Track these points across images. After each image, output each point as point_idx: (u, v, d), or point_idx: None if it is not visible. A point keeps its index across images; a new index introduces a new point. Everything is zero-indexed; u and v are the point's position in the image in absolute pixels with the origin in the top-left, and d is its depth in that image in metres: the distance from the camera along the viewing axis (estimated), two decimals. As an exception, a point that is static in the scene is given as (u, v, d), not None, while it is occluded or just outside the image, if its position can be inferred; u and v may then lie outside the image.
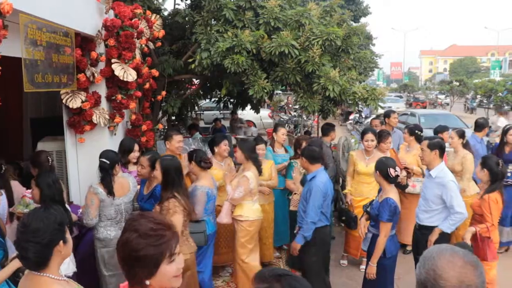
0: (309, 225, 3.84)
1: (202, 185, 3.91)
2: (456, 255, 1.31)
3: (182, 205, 3.16)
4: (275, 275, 1.29)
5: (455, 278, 1.27)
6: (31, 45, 3.13)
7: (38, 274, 1.88)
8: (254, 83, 5.42)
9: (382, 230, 3.60)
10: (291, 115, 17.07)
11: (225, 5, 5.51)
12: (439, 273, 1.29)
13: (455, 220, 3.70)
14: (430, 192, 3.83)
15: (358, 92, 5.45)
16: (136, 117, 5.04)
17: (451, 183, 3.73)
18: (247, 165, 4.28)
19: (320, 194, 3.87)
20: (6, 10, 2.55)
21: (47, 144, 5.05)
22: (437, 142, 3.85)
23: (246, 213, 4.23)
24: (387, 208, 3.55)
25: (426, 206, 3.88)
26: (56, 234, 1.91)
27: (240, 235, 4.25)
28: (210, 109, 14.90)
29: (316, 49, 5.24)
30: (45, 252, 1.87)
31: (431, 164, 3.84)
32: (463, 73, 51.64)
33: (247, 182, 4.16)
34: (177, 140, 4.60)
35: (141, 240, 1.55)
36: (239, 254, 4.27)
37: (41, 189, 3.12)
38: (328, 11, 6.35)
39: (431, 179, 3.84)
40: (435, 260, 1.32)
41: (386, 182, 3.62)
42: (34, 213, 1.98)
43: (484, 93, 21.23)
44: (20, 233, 1.90)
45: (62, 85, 3.80)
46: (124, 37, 4.49)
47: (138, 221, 1.60)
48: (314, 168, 4.03)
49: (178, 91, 7.31)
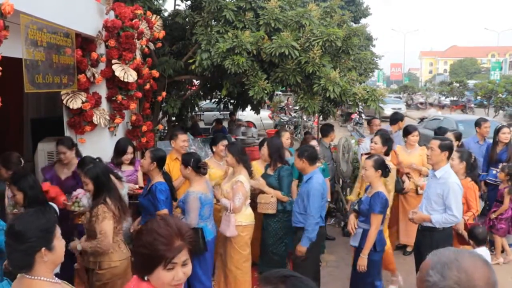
0: (312, 226, 3.88)
1: (194, 191, 3.74)
2: (473, 256, 1.33)
3: (111, 211, 3.05)
4: (280, 276, 1.30)
5: (485, 278, 1.29)
6: (31, 45, 3.14)
7: (30, 277, 1.87)
8: (254, 84, 5.42)
9: (373, 223, 3.71)
10: (291, 116, 17.07)
11: (225, 6, 5.51)
12: (471, 274, 1.28)
13: (448, 221, 3.69)
14: (434, 192, 3.79)
15: (359, 93, 5.45)
16: (136, 118, 5.05)
17: (455, 185, 3.68)
18: (238, 169, 4.09)
19: (319, 196, 3.92)
20: (7, 10, 2.56)
21: (47, 145, 5.05)
22: (448, 144, 3.80)
23: (240, 218, 4.04)
24: (378, 201, 3.69)
25: (428, 207, 3.85)
26: (37, 241, 1.86)
27: (234, 241, 4.04)
28: (210, 110, 14.90)
29: (316, 50, 5.24)
30: (24, 258, 1.84)
31: (438, 164, 3.79)
32: (463, 74, 51.70)
33: (243, 186, 3.99)
34: (182, 139, 4.61)
35: (143, 237, 1.64)
36: (234, 260, 4.07)
37: (25, 192, 3.04)
38: (328, 12, 6.35)
39: (435, 180, 3.79)
40: (460, 263, 1.30)
41: (378, 177, 3.79)
42: (21, 216, 1.96)
43: (484, 94, 21.23)
44: (6, 233, 1.90)
45: (63, 85, 3.80)
46: (125, 38, 4.49)
47: (156, 222, 1.69)
48: (311, 169, 4.04)
49: (179, 92, 7.31)
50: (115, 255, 3.13)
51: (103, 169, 3.24)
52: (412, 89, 40.33)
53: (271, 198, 4.37)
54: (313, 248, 3.99)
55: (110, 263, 3.10)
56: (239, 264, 4.08)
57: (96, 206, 3.05)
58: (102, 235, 2.98)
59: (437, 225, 3.72)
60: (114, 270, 3.12)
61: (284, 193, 4.39)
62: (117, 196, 3.21)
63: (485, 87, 21.35)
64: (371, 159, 3.87)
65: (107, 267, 3.09)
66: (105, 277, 3.09)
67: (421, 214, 3.85)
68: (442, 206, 3.74)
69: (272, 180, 4.41)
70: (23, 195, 3.05)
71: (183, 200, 3.83)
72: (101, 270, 3.09)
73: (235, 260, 4.07)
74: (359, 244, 3.83)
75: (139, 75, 4.78)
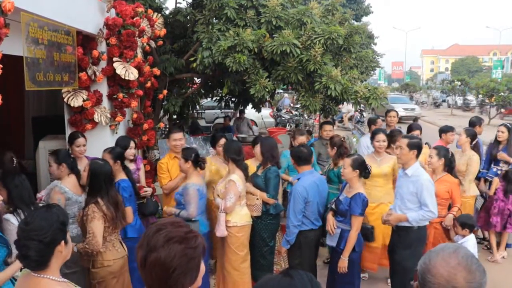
0: (290, 229, 3.83)
1: (193, 183, 3.80)
2: (454, 255, 1.30)
3: (102, 211, 3.03)
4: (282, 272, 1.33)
5: (442, 277, 1.27)
6: (32, 43, 3.13)
7: (37, 276, 1.86)
8: (255, 82, 5.41)
9: (354, 224, 3.64)
10: (292, 114, 17.04)
11: (226, 4, 5.50)
12: (429, 268, 1.30)
13: (425, 217, 3.65)
14: (406, 191, 3.73)
15: (360, 91, 5.43)
16: (138, 116, 5.04)
17: (427, 182, 3.66)
18: (231, 168, 4.02)
19: (300, 199, 3.77)
20: (8, 8, 2.55)
21: (48, 143, 5.06)
22: (416, 142, 3.75)
23: (234, 219, 3.96)
24: (359, 202, 3.61)
25: (402, 206, 3.76)
26: (58, 234, 1.90)
27: (230, 241, 3.98)
28: (211, 108, 14.89)
29: (317, 48, 5.23)
30: (46, 251, 1.86)
31: (408, 163, 3.74)
32: (464, 72, 51.54)
33: (235, 186, 3.88)
34: (173, 138, 4.56)
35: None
36: (231, 261, 4.01)
37: (9, 190, 3.01)
38: (329, 10, 6.34)
39: (407, 178, 3.74)
40: (432, 255, 1.33)
41: (357, 177, 3.70)
42: (36, 212, 1.97)
43: (486, 92, 21.14)
44: (21, 231, 1.88)
45: (64, 83, 3.79)
46: (126, 36, 4.49)
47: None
48: (300, 170, 3.98)
49: (180, 90, 7.31)
50: (108, 254, 3.14)
51: (105, 170, 3.20)
52: (413, 87, 40.27)
53: (256, 200, 4.25)
54: (302, 253, 3.93)
55: (103, 262, 3.12)
56: (236, 265, 4.02)
57: (87, 206, 3.06)
58: (91, 235, 2.98)
59: (414, 223, 3.66)
60: (107, 269, 3.13)
61: (270, 195, 4.20)
62: (113, 198, 3.17)
63: (487, 86, 21.24)
64: (350, 158, 3.77)
65: (100, 266, 3.11)
66: (98, 276, 3.12)
67: (397, 215, 3.77)
68: (416, 204, 3.69)
69: (259, 180, 4.26)
70: (7, 192, 3.01)
71: (181, 192, 3.85)
72: (94, 269, 3.12)
73: (232, 261, 4.01)
74: (336, 244, 3.77)
75: (140, 73, 4.78)
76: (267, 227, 4.29)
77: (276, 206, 4.28)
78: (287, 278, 1.28)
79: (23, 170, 4.91)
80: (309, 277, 1.31)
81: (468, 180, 5.09)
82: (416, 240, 3.71)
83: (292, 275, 1.29)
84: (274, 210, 4.25)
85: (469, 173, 5.08)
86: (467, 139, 5.19)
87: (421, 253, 3.60)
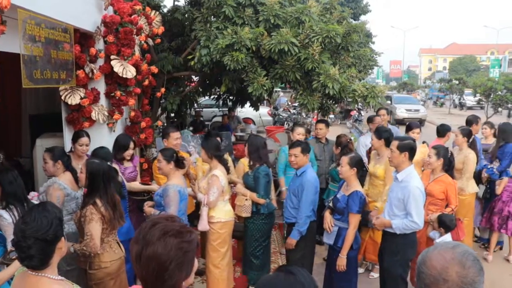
0: (303, 220, 3.85)
1: (174, 184, 3.62)
2: (451, 251, 1.32)
3: (100, 213, 3.00)
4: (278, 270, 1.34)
5: (435, 269, 1.29)
6: (29, 41, 3.11)
7: (36, 274, 1.83)
8: (253, 80, 5.41)
9: (351, 222, 3.65)
10: (290, 113, 17.05)
11: (224, 2, 5.49)
12: (424, 260, 1.34)
13: (409, 227, 3.44)
14: (395, 196, 3.56)
15: (358, 89, 5.44)
16: (135, 114, 5.04)
17: (416, 190, 3.42)
18: (213, 164, 4.00)
19: (312, 188, 3.87)
20: (4, 5, 2.53)
21: (45, 141, 5.04)
22: (407, 144, 3.54)
23: (218, 214, 3.94)
24: (357, 200, 3.62)
25: (390, 212, 3.61)
26: (59, 231, 1.89)
27: (212, 238, 3.94)
28: (209, 106, 14.87)
29: (316, 47, 5.23)
30: (49, 249, 1.84)
31: (400, 166, 3.54)
32: (462, 71, 51.61)
33: (218, 180, 3.88)
34: (174, 137, 4.54)
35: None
36: (212, 259, 3.97)
37: (2, 187, 2.99)
38: (328, 9, 6.34)
39: (397, 183, 3.56)
40: (431, 249, 1.37)
41: (354, 175, 3.71)
42: (32, 210, 1.94)
43: (484, 91, 21.16)
44: (21, 231, 1.83)
45: (61, 81, 3.78)
46: (123, 34, 4.47)
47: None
48: (303, 162, 4.00)
49: (178, 88, 7.30)
50: (106, 255, 3.10)
51: (102, 168, 3.16)
52: (411, 86, 40.33)
53: (245, 201, 4.23)
54: (306, 244, 3.97)
55: (100, 264, 3.09)
56: (216, 262, 3.98)
57: (85, 207, 3.02)
58: (89, 237, 2.96)
59: (397, 231, 3.49)
60: (105, 270, 3.10)
61: (260, 195, 4.14)
62: (112, 197, 3.14)
63: (484, 85, 21.25)
64: (347, 156, 3.75)
65: (97, 268, 3.08)
66: (96, 277, 3.09)
67: (383, 219, 3.65)
68: (403, 211, 3.50)
69: (249, 180, 4.23)
70: (1, 189, 2.99)
71: (160, 193, 3.69)
72: (91, 270, 3.09)
73: (213, 258, 3.97)
74: (334, 242, 3.77)
75: (138, 71, 4.76)
76: (259, 228, 4.27)
77: (268, 205, 4.25)
78: (290, 275, 1.28)
79: (20, 168, 4.91)
80: (307, 273, 1.32)
81: (465, 178, 5.10)
82: (402, 246, 3.53)
83: (293, 272, 1.29)
84: (266, 210, 4.23)
85: (466, 171, 5.09)
86: (464, 139, 5.20)
87: (410, 261, 3.56)
